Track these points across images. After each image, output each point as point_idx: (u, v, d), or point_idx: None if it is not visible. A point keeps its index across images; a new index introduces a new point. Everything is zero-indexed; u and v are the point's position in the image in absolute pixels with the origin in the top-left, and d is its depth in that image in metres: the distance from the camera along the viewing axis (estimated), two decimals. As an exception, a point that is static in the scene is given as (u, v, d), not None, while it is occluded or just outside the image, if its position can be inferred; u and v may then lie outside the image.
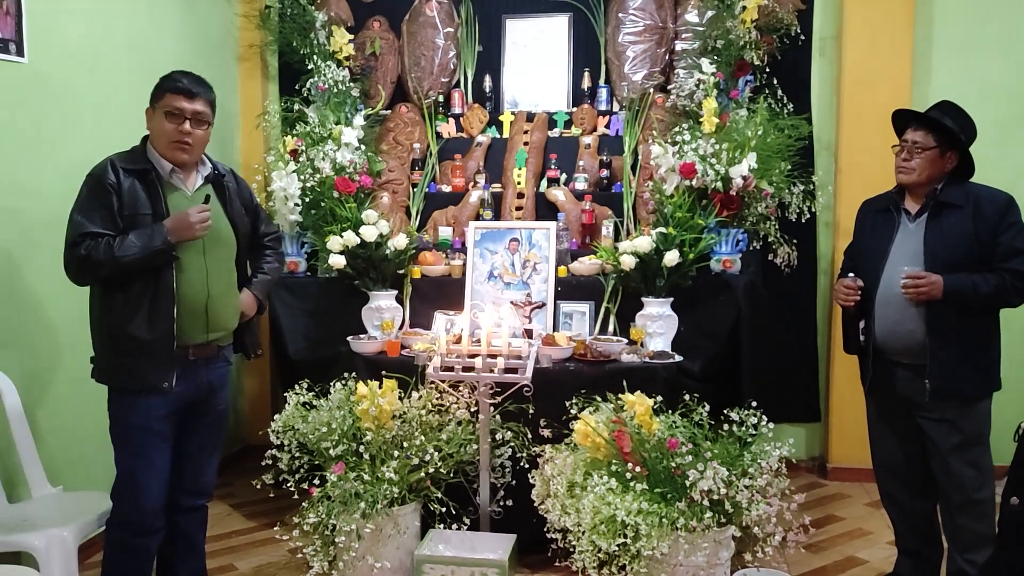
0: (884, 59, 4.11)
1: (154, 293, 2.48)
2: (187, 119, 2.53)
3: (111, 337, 2.52)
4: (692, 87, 3.93)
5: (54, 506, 2.90)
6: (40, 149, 3.22)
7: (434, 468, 2.99)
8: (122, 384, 2.56)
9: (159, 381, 2.51)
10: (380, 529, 2.92)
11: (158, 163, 2.56)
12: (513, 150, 4.25)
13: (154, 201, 2.51)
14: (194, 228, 2.49)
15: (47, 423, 3.23)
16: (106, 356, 2.57)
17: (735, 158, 3.54)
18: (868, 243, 2.88)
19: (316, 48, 4.31)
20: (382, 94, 4.48)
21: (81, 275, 2.49)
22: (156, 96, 2.56)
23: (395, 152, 4.36)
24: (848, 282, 2.80)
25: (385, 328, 3.55)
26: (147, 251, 2.42)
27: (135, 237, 2.43)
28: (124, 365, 2.51)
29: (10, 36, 3.03)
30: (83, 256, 2.41)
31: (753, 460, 2.88)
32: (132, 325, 2.47)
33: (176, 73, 2.59)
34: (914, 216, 2.75)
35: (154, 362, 2.50)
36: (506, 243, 3.77)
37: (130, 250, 2.41)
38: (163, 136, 2.53)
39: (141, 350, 2.48)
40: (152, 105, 2.57)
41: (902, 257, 2.72)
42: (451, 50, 4.49)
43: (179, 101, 2.52)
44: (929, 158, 2.68)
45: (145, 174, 2.53)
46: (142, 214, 2.48)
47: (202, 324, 2.60)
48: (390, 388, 3.13)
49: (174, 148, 2.54)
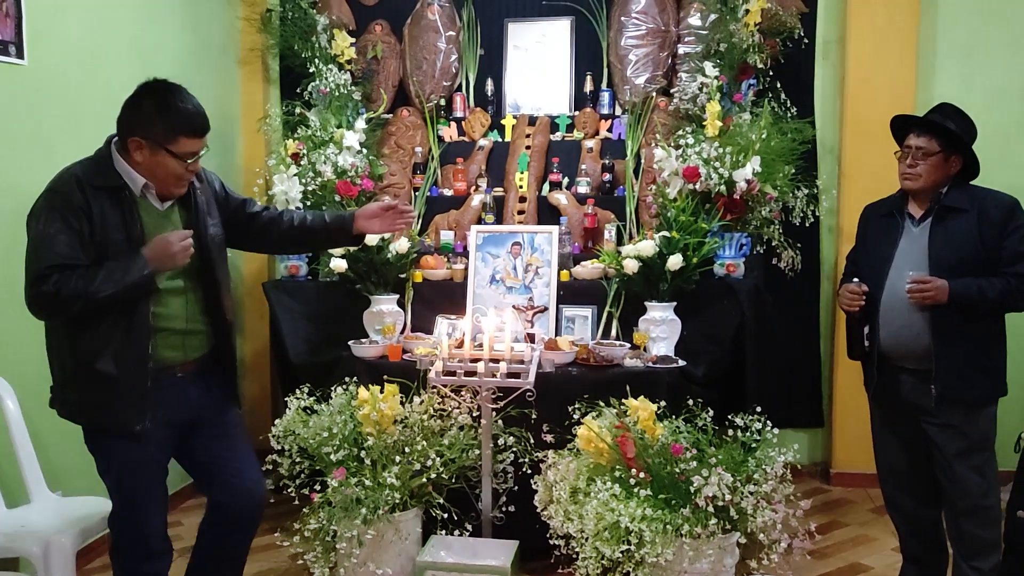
0: (888, 63, 4.09)
1: (128, 324, 2.18)
2: (198, 157, 2.25)
3: (75, 371, 2.21)
4: (695, 90, 3.91)
5: (53, 511, 2.87)
6: (40, 152, 3.20)
7: (436, 474, 2.97)
8: (94, 424, 2.28)
9: (131, 423, 2.21)
10: (381, 535, 2.89)
11: (130, 177, 2.20)
12: (515, 154, 4.23)
13: (127, 222, 2.18)
14: (176, 257, 2.17)
15: (47, 428, 3.20)
16: (69, 391, 2.26)
17: (739, 161, 3.52)
18: (872, 248, 2.84)
19: (317, 51, 4.29)
20: (384, 98, 4.46)
21: (50, 314, 2.16)
22: (161, 134, 2.16)
23: (396, 156, 4.34)
24: (853, 287, 2.76)
25: (386, 332, 3.53)
26: (125, 284, 2.10)
27: (111, 269, 2.11)
28: (92, 402, 2.21)
29: (10, 38, 3.02)
30: (51, 293, 2.06)
31: (758, 466, 2.85)
32: (100, 360, 2.16)
33: (183, 106, 2.20)
34: (918, 220, 2.72)
35: (123, 401, 2.20)
36: (508, 247, 3.75)
37: (106, 285, 2.08)
38: (167, 175, 2.21)
39: (110, 387, 2.18)
40: (147, 138, 2.17)
41: (907, 262, 2.69)
42: (453, 54, 4.48)
43: (195, 144, 2.21)
44: (934, 163, 2.64)
45: (117, 192, 2.18)
46: (114, 239, 2.15)
47: (182, 347, 2.33)
48: (391, 393, 3.11)
49: (179, 186, 2.26)
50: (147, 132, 2.16)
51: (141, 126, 2.17)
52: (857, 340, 2.82)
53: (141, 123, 2.17)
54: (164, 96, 2.19)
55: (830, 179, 4.27)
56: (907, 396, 2.75)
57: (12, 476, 2.95)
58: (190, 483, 4.21)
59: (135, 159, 2.18)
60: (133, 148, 2.18)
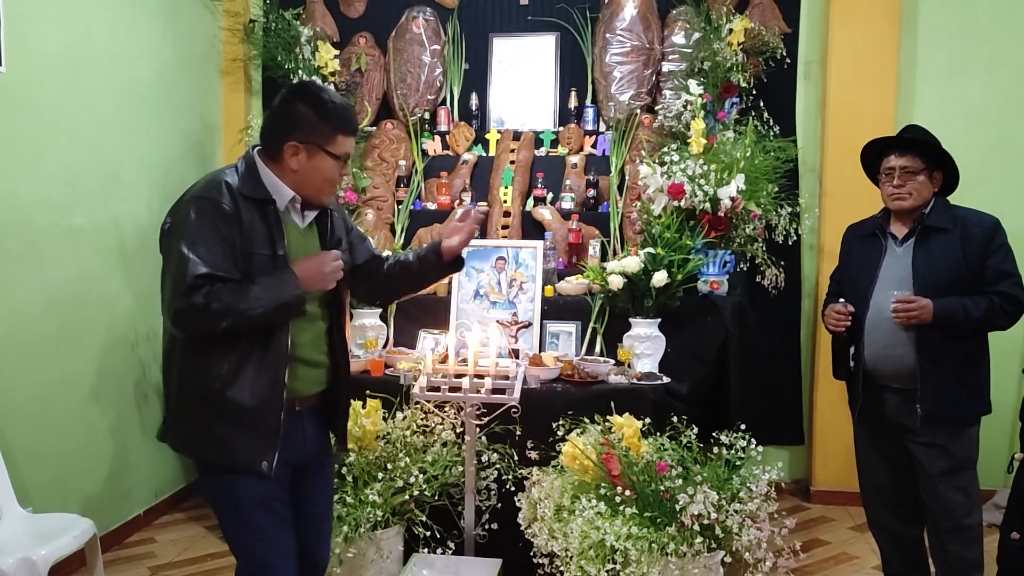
0: (868, 83, 4.14)
1: (264, 350, 2.00)
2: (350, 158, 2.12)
3: (200, 398, 2.01)
4: (679, 108, 3.93)
5: (24, 529, 2.80)
6: (17, 161, 3.15)
7: (418, 491, 2.93)
8: (212, 460, 2.05)
9: (256, 461, 2.01)
10: (363, 554, 2.84)
11: (277, 191, 2.05)
12: (499, 168, 4.22)
13: (274, 239, 2.01)
14: (327, 278, 2.03)
15: (18, 442, 3.14)
16: (189, 421, 2.05)
17: (723, 179, 3.53)
18: (855, 268, 2.86)
19: (301, 63, 4.27)
20: (367, 110, 4.44)
21: (197, 329, 1.93)
22: (319, 134, 2.02)
23: (380, 169, 4.32)
24: (839, 307, 2.77)
25: (369, 347, 3.49)
26: (277, 304, 1.94)
27: (264, 286, 1.94)
28: (212, 434, 2.01)
29: (-12, 45, 2.97)
30: (202, 305, 1.88)
31: (743, 484, 2.84)
32: (233, 387, 1.98)
33: (337, 104, 2.06)
34: (901, 240, 2.75)
35: (252, 435, 2.01)
36: (492, 261, 3.73)
37: (258, 303, 1.91)
38: (323, 181, 2.06)
39: (240, 418, 1.99)
40: (307, 142, 2.02)
41: (890, 281, 2.71)
42: (437, 67, 4.47)
43: (351, 143, 2.09)
44: (922, 181, 2.70)
45: (265, 205, 2.02)
46: (259, 254, 1.99)
47: (307, 380, 2.14)
48: (374, 408, 3.07)
49: (333, 193, 2.14)
50: (306, 135, 2.02)
51: (299, 129, 2.02)
52: (842, 360, 2.83)
53: (298, 126, 2.02)
54: (316, 96, 2.05)
55: (811, 198, 4.30)
56: (892, 415, 2.76)
57: (-18, 492, 2.88)
58: (166, 498, 4.14)
59: (290, 166, 2.03)
60: (289, 154, 2.02)
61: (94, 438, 3.60)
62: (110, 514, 3.69)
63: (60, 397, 3.41)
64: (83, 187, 3.51)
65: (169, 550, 3.70)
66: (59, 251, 3.37)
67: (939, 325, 2.60)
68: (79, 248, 3.46)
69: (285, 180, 2.05)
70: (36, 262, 3.26)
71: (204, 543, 3.75)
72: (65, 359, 3.44)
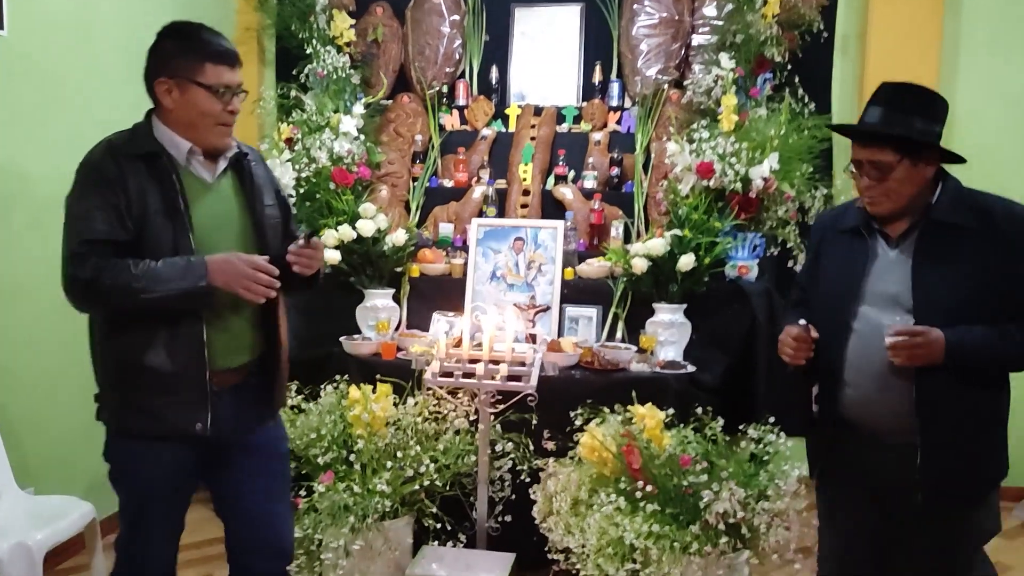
0: (910, 59, 3.94)
1: (175, 312, 1.92)
2: (235, 94, 1.96)
3: (120, 369, 1.95)
4: (709, 83, 3.74)
5: (21, 511, 2.72)
6: (20, 130, 3.03)
7: (429, 480, 2.81)
8: (137, 428, 1.97)
9: (188, 423, 1.94)
10: (370, 545, 2.73)
11: (173, 144, 1.95)
12: (519, 145, 4.07)
13: (167, 194, 1.91)
14: (241, 287, 1.87)
15: (20, 420, 3.05)
16: (115, 394, 1.99)
17: (755, 158, 3.36)
18: (831, 279, 2.08)
19: (316, 33, 4.12)
20: (383, 83, 4.29)
21: (85, 302, 1.89)
22: (185, 66, 1.90)
23: (395, 144, 4.18)
24: (799, 332, 2.00)
25: (380, 329, 3.37)
26: (177, 291, 1.84)
27: (165, 269, 1.84)
28: (138, 404, 1.94)
29: (-13, 7, 2.84)
30: (87, 279, 1.82)
31: (770, 480, 2.70)
32: (149, 354, 1.91)
33: (199, 30, 1.95)
34: (896, 241, 1.96)
35: (180, 399, 1.94)
36: (510, 242, 3.59)
37: (155, 287, 1.82)
38: (203, 117, 1.93)
39: (162, 386, 1.92)
40: (175, 76, 1.91)
41: (880, 299, 1.95)
42: (457, 39, 4.31)
43: (224, 73, 1.92)
44: (900, 177, 1.88)
45: (153, 159, 1.92)
46: (153, 211, 1.89)
47: (236, 345, 2.03)
48: (384, 393, 2.95)
49: (222, 133, 1.97)
50: (171, 69, 1.91)
51: (164, 65, 1.92)
52: (802, 404, 2.06)
53: (164, 61, 1.93)
54: (180, 28, 1.96)
55: (847, 179, 4.10)
56: (880, 478, 2.01)
57: (-21, 472, 2.79)
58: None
59: (166, 107, 1.94)
60: (162, 93, 1.93)
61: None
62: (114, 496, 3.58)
63: (65, 374, 3.30)
64: (89, 158, 3.38)
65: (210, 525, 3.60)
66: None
67: (952, 366, 1.85)
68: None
69: (176, 129, 1.95)
70: (41, 235, 3.14)
71: (208, 526, 3.63)
72: (71, 336, 3.30)
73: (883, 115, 1.92)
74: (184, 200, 1.92)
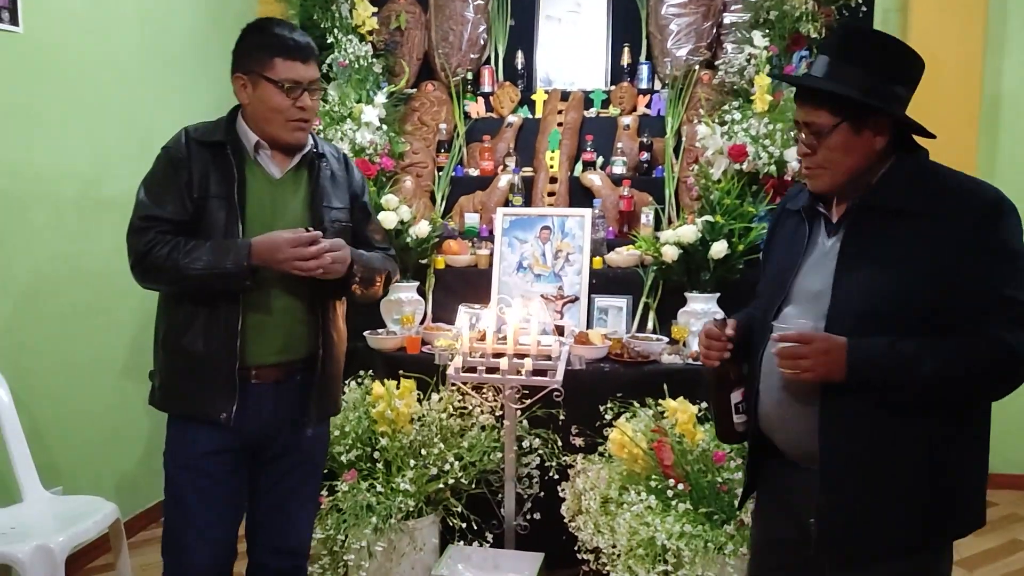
0: (953, 34, 3.76)
1: (214, 299, 1.96)
2: (305, 89, 1.96)
3: (163, 350, 2.03)
4: (742, 63, 3.60)
5: (46, 511, 2.70)
6: (39, 129, 3.01)
7: (454, 478, 2.73)
8: (175, 410, 2.04)
9: (214, 410, 1.96)
10: (394, 545, 2.67)
11: (244, 136, 2.01)
12: (546, 131, 3.96)
13: (226, 182, 1.96)
14: (284, 262, 1.90)
15: (46, 420, 3.04)
16: (160, 373, 2.06)
17: (790, 139, 3.23)
18: (771, 270, 1.78)
19: (338, 22, 4.05)
20: (407, 71, 4.20)
21: (141, 277, 1.96)
22: (256, 60, 1.94)
23: (420, 133, 4.10)
24: (713, 330, 1.73)
25: (405, 323, 3.30)
26: (217, 269, 1.88)
27: (211, 248, 1.90)
28: (175, 386, 2.01)
29: (3, 3, 2.82)
30: (143, 253, 1.91)
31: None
32: (187, 336, 1.97)
33: (273, 25, 1.98)
34: (835, 227, 1.63)
35: (209, 385, 1.97)
36: (537, 231, 3.49)
37: (198, 263, 1.88)
38: (274, 113, 1.95)
39: (196, 368, 1.97)
40: (247, 71, 1.96)
41: (805, 297, 1.62)
42: (481, 24, 4.21)
43: (296, 69, 1.94)
44: (836, 144, 1.55)
45: (219, 148, 1.98)
46: (213, 198, 1.95)
47: (272, 341, 2.02)
48: (408, 389, 2.88)
49: (293, 129, 1.99)
50: (245, 64, 1.97)
51: (240, 60, 1.98)
52: (722, 412, 1.76)
53: (240, 57, 1.99)
54: (257, 25, 2.01)
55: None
56: (793, 501, 1.68)
57: (4, 472, 2.78)
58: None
59: (243, 102, 2.01)
60: (238, 88, 2.00)
61: (127, 416, 3.47)
62: (144, 493, 3.59)
63: (91, 373, 3.31)
64: (112, 156, 3.36)
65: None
66: (88, 223, 3.24)
67: (858, 383, 1.49)
68: (109, 220, 3.31)
69: (250, 124, 2.02)
70: (63, 234, 3.14)
71: (239, 523, 3.63)
72: (95, 334, 3.32)
73: (828, 67, 1.56)
74: (241, 190, 1.97)
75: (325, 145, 2.16)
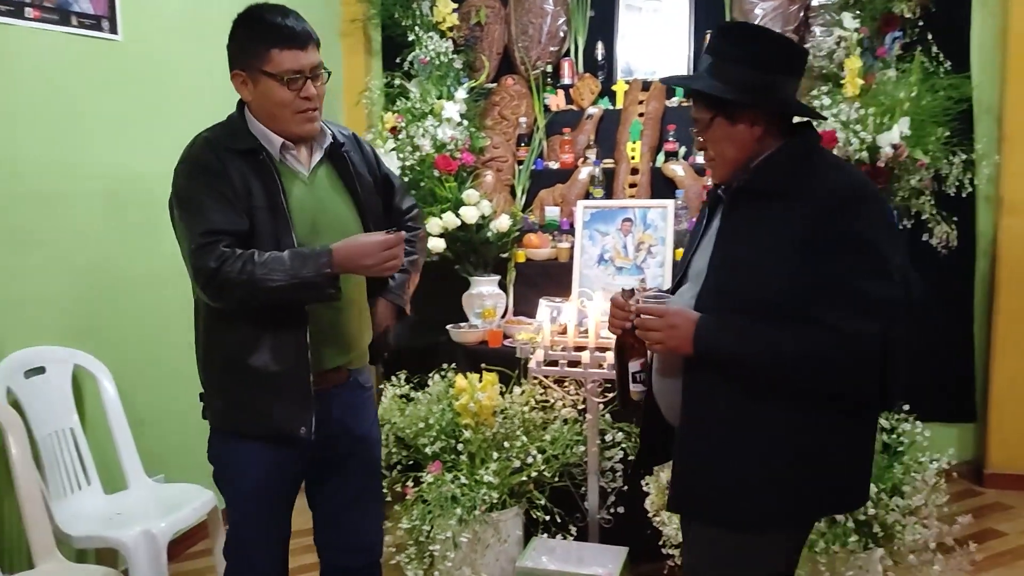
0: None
1: (277, 313, 1.85)
2: (307, 78, 1.84)
3: (226, 370, 1.92)
4: (831, 46, 3.49)
5: (149, 498, 2.82)
6: (137, 132, 3.14)
7: (537, 471, 2.74)
8: (244, 429, 1.93)
9: (292, 426, 1.88)
10: (479, 537, 2.70)
11: (266, 139, 1.88)
12: (627, 122, 3.92)
13: (269, 189, 1.84)
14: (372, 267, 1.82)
15: (148, 411, 3.18)
16: (220, 393, 1.96)
17: (883, 124, 3.12)
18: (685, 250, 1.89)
19: (419, 19, 4.10)
20: (487, 66, 4.23)
21: (217, 292, 1.79)
22: (253, 54, 1.83)
23: (500, 127, 4.12)
24: (619, 299, 1.76)
25: (486, 316, 3.33)
26: (297, 279, 1.75)
27: (289, 257, 1.77)
28: (244, 405, 1.91)
29: (103, 12, 2.95)
30: (214, 270, 1.75)
31: (906, 472, 2.50)
32: (255, 356, 1.86)
33: (266, 13, 1.85)
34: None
35: (284, 401, 1.88)
36: (618, 223, 3.47)
37: (277, 275, 1.74)
38: (280, 108, 1.84)
39: (266, 386, 1.87)
40: (244, 68, 1.85)
41: (694, 276, 1.70)
42: (561, 16, 4.20)
43: (294, 58, 1.81)
44: (718, 137, 1.63)
45: (253, 155, 1.86)
46: (258, 209, 1.83)
47: (334, 345, 1.96)
48: (490, 382, 2.90)
49: (302, 121, 1.87)
50: (242, 60, 1.85)
51: (237, 56, 1.87)
52: (621, 380, 1.80)
53: (236, 52, 1.87)
54: (252, 14, 1.87)
55: (989, 143, 3.76)
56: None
57: (111, 461, 2.92)
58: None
59: (247, 100, 1.90)
60: (239, 86, 1.88)
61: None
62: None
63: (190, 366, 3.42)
64: (204, 156, 3.49)
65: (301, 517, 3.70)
66: (183, 223, 3.38)
67: (704, 359, 1.57)
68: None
69: (262, 122, 1.89)
70: (158, 234, 3.25)
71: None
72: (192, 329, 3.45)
73: (710, 66, 1.65)
74: (284, 197, 1.86)
75: (335, 129, 2.02)
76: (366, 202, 2.01)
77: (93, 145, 2.95)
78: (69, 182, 2.87)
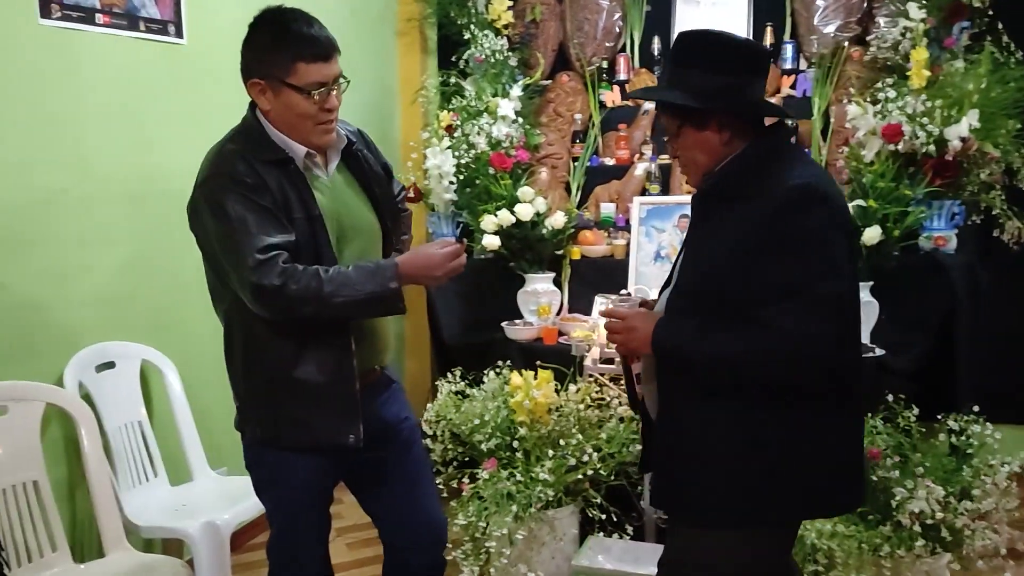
0: None
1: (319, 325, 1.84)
2: (331, 90, 1.81)
3: (269, 381, 1.88)
4: (896, 37, 3.40)
5: (213, 490, 2.90)
6: (200, 132, 3.20)
7: (593, 469, 2.73)
8: (289, 440, 1.90)
9: (341, 436, 1.86)
10: (535, 534, 2.70)
11: (290, 149, 1.83)
12: (684, 117, 3.88)
13: (304, 200, 1.81)
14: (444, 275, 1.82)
15: (210, 405, 3.25)
16: (260, 404, 1.92)
17: (951, 116, 3.02)
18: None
19: (474, 17, 4.12)
20: (542, 63, 4.22)
21: (276, 312, 1.76)
22: (275, 64, 1.77)
23: (555, 124, 4.11)
24: (611, 306, 1.84)
25: (542, 313, 3.33)
26: (364, 294, 1.73)
27: (352, 272, 1.75)
28: (289, 416, 1.87)
29: (169, 17, 3.03)
30: (278, 287, 1.69)
31: (975, 476, 2.42)
32: (300, 369, 1.83)
33: (290, 20, 1.80)
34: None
35: (331, 412, 1.86)
36: (675, 220, 3.44)
37: (344, 290, 1.71)
38: (302, 120, 1.80)
39: (313, 398, 1.85)
40: (267, 77, 1.80)
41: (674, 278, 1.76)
42: (616, 11, 4.17)
43: (320, 70, 1.77)
44: (687, 144, 1.66)
45: (284, 165, 1.82)
46: (296, 219, 1.80)
47: (372, 348, 1.96)
48: (545, 379, 2.89)
49: (322, 132, 1.84)
50: (263, 69, 1.79)
51: (257, 64, 1.81)
52: (628, 381, 1.86)
53: (257, 59, 1.81)
54: (273, 19, 1.81)
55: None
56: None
57: (177, 454, 3.00)
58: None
59: (264, 109, 1.84)
60: (256, 94, 1.82)
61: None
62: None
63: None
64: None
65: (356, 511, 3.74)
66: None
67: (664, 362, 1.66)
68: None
69: (282, 131, 1.84)
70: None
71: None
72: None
73: (670, 74, 1.69)
74: (318, 206, 1.83)
75: (343, 128, 1.97)
76: (381, 198, 2.01)
77: (162, 147, 3.03)
78: (141, 184, 2.95)
